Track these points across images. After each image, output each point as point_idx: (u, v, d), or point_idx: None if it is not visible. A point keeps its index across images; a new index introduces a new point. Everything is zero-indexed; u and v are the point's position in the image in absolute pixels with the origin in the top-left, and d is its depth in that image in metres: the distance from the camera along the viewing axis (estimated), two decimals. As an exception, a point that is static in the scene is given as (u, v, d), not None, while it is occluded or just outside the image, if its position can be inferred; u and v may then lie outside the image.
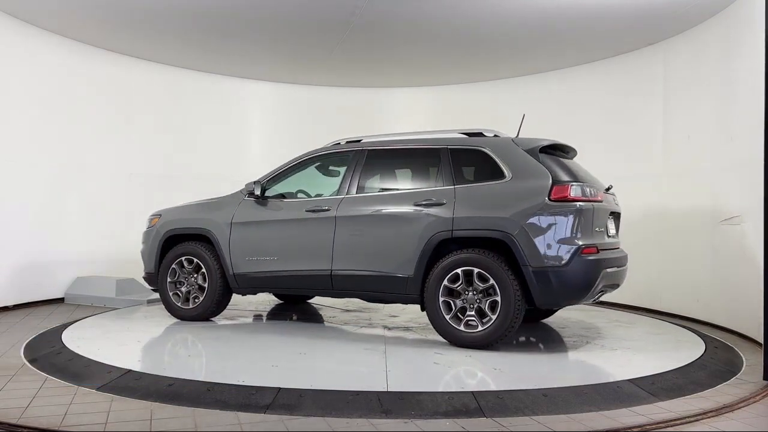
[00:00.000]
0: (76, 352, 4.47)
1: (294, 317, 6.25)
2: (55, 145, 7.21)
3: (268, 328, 5.70)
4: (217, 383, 3.68)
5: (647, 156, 7.14)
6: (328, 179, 5.72)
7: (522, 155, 4.80)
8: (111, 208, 7.82)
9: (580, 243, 4.49)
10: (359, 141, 5.57)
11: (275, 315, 6.44)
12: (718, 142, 6.05)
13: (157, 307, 6.59)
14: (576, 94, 7.97)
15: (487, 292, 4.60)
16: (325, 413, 3.30)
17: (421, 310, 4.92)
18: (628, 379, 3.90)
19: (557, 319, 6.03)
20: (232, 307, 6.51)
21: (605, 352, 4.72)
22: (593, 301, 4.89)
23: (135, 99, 8.11)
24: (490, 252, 4.62)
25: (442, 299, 4.72)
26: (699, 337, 5.35)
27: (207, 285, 5.70)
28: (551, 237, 4.48)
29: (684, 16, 6.21)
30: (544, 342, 5.17)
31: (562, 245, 4.47)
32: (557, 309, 5.92)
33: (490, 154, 4.89)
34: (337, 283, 5.19)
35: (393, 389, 3.61)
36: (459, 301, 4.69)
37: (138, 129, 8.16)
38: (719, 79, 6.09)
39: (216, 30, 6.95)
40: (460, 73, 8.56)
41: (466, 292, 4.67)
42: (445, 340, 4.79)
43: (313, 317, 6.26)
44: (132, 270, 7.37)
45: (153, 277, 6.02)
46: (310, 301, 7.17)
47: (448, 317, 4.70)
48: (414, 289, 4.87)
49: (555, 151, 5.05)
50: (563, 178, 4.64)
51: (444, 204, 4.82)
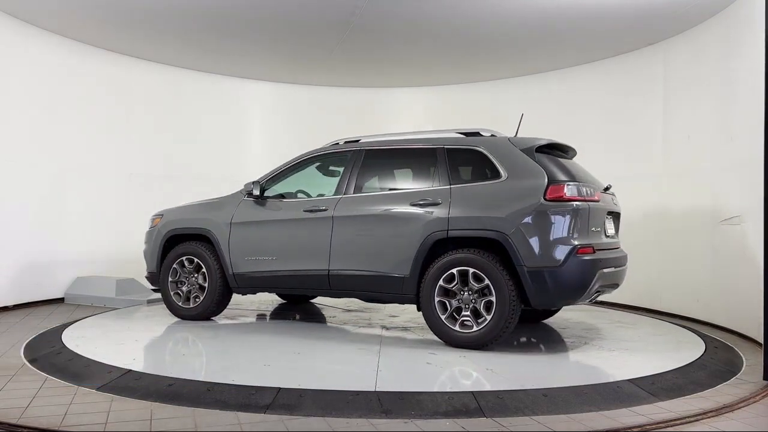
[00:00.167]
0: (76, 352, 4.48)
1: (297, 317, 6.25)
2: (55, 145, 7.21)
3: (268, 327, 5.70)
4: (217, 383, 3.68)
5: (647, 156, 7.14)
6: (328, 179, 5.72)
7: (518, 155, 4.78)
8: (111, 208, 7.82)
9: (575, 243, 4.47)
10: (357, 141, 5.57)
11: (277, 315, 6.44)
12: (718, 142, 6.05)
13: (158, 307, 6.60)
14: (576, 94, 7.97)
15: (482, 292, 4.59)
16: (325, 413, 3.30)
17: (418, 310, 4.91)
18: (628, 379, 3.89)
19: (558, 320, 6.02)
20: (234, 306, 6.52)
21: (605, 352, 4.71)
22: (590, 302, 4.88)
23: (135, 99, 8.11)
24: (485, 252, 4.61)
25: (437, 299, 4.71)
26: (699, 337, 5.35)
27: (207, 285, 5.72)
28: (546, 237, 4.46)
29: (684, 16, 6.21)
30: (544, 342, 5.16)
31: (558, 245, 4.45)
32: (558, 310, 5.92)
33: (486, 153, 4.88)
34: (335, 283, 5.19)
35: (381, 389, 3.60)
36: (454, 301, 4.68)
37: (138, 129, 8.16)
38: (719, 79, 6.09)
39: (216, 30, 6.95)
40: (460, 73, 8.56)
41: (462, 293, 4.66)
42: (440, 340, 4.79)
43: (315, 317, 6.27)
44: (132, 270, 7.39)
45: (155, 277, 6.07)
46: (313, 301, 7.17)
47: (443, 317, 4.69)
48: (410, 289, 4.87)
49: (553, 150, 5.03)
50: (559, 177, 4.61)
51: (440, 204, 4.81)
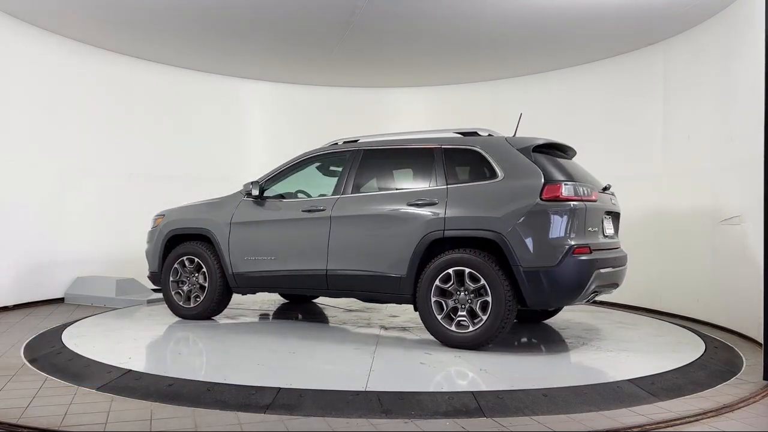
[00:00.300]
0: (76, 351, 4.48)
1: (299, 317, 6.25)
2: (56, 145, 7.21)
3: (268, 327, 5.70)
4: (217, 383, 3.68)
5: (647, 156, 7.14)
6: (327, 179, 5.72)
7: (515, 154, 4.76)
8: (111, 208, 7.82)
9: (572, 243, 4.45)
10: (356, 141, 5.57)
11: (279, 315, 6.44)
12: (718, 142, 6.05)
13: (158, 306, 6.60)
14: (576, 94, 7.97)
15: (478, 293, 4.58)
16: (325, 413, 3.30)
17: (414, 310, 4.90)
18: (628, 379, 3.89)
19: (558, 320, 6.02)
20: (236, 306, 6.52)
21: (605, 352, 4.71)
22: (587, 302, 4.86)
23: (135, 99, 8.11)
24: (481, 252, 4.60)
25: (434, 299, 4.71)
26: (699, 337, 5.35)
27: (207, 284, 5.73)
28: (543, 237, 4.44)
29: (684, 16, 6.21)
30: (544, 342, 5.16)
31: (554, 245, 4.43)
32: (558, 310, 5.92)
33: (483, 153, 4.86)
34: (333, 283, 5.19)
35: (371, 389, 3.59)
36: (451, 301, 4.67)
37: (138, 129, 8.16)
38: (719, 79, 6.09)
39: (216, 30, 6.95)
40: (460, 73, 8.56)
41: (458, 293, 4.65)
42: (436, 340, 4.78)
43: (316, 317, 6.27)
44: (132, 270, 7.40)
45: (156, 276, 6.10)
46: (315, 301, 7.17)
47: (439, 317, 4.69)
48: (407, 288, 4.86)
49: (551, 150, 5.01)
50: (556, 177, 4.59)
51: (436, 204, 4.80)
